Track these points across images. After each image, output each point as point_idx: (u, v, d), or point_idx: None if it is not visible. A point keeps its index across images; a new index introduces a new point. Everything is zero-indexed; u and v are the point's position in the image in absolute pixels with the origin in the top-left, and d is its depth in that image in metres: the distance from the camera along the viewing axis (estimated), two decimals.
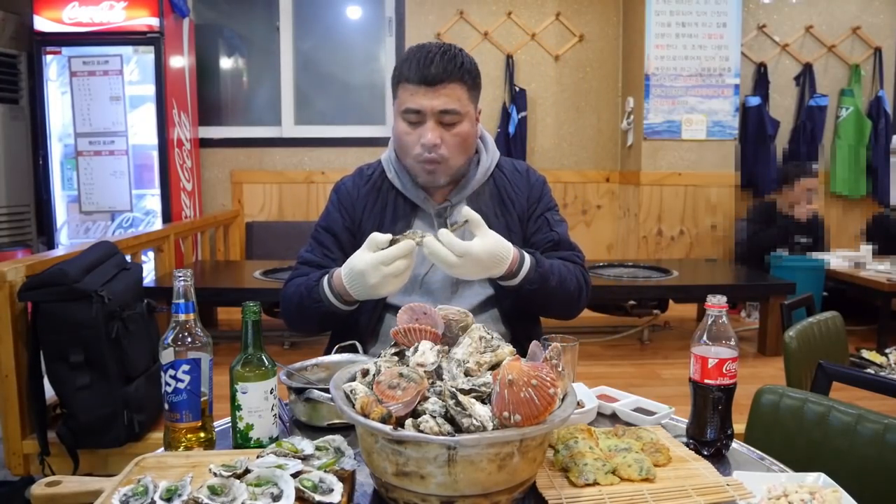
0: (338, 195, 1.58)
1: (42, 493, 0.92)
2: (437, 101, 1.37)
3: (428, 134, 1.38)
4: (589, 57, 4.69)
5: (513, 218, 1.53)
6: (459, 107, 1.39)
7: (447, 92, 1.37)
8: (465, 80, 1.40)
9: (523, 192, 1.56)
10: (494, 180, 1.56)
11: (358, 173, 1.60)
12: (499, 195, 1.54)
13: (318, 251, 1.54)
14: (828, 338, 1.96)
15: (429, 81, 1.36)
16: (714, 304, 1.06)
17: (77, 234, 4.08)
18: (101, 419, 2.03)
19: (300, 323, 1.51)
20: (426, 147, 1.38)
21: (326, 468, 0.89)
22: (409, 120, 1.40)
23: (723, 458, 1.08)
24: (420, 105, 1.37)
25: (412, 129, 1.41)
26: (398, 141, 1.45)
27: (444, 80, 1.37)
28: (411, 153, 1.42)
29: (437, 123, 1.38)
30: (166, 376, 1.05)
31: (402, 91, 1.40)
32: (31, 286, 2.01)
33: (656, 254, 4.34)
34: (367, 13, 4.78)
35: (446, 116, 1.38)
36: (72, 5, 3.83)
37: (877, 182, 4.62)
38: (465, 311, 1.03)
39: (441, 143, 1.39)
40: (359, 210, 1.53)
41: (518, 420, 0.81)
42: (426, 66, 1.36)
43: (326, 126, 4.72)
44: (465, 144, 1.44)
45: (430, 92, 1.37)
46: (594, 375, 2.14)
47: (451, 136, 1.40)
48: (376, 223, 1.50)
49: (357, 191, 1.56)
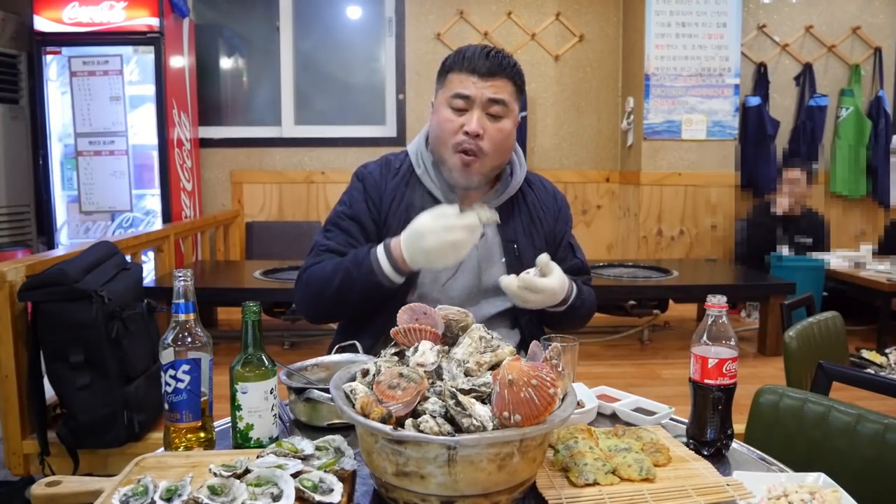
0: (364, 183, 1.51)
1: (42, 493, 0.92)
2: (488, 90, 1.38)
3: (473, 121, 1.37)
4: (589, 57, 4.69)
5: (540, 237, 1.53)
6: (508, 100, 1.40)
7: (498, 84, 1.39)
8: (515, 80, 1.42)
9: (551, 212, 1.57)
10: (524, 194, 1.55)
11: (385, 163, 1.54)
12: (528, 211, 1.54)
13: (341, 238, 1.46)
14: (828, 338, 1.96)
15: (482, 72, 1.38)
16: (714, 304, 1.06)
17: (77, 234, 4.08)
18: (101, 419, 2.03)
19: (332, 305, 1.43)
20: (470, 134, 1.37)
21: (326, 468, 0.89)
22: (455, 106, 1.39)
23: (723, 458, 1.08)
24: (470, 91, 1.37)
25: (456, 115, 1.39)
26: (438, 128, 1.42)
27: (496, 73, 1.38)
28: (451, 141, 1.40)
29: (483, 113, 1.38)
30: (166, 376, 1.05)
31: (452, 79, 1.40)
32: (31, 286, 2.01)
33: (656, 254, 4.34)
34: (367, 13, 4.77)
35: (494, 107, 1.38)
36: (72, 5, 3.83)
37: (877, 182, 4.62)
38: (464, 311, 1.03)
39: (483, 134, 1.38)
40: (386, 203, 1.48)
41: (518, 420, 0.81)
42: (481, 58, 1.38)
43: (326, 126, 4.72)
44: (505, 143, 1.42)
45: (482, 81, 1.38)
46: (594, 375, 2.14)
47: (494, 129, 1.39)
48: (402, 220, 1.43)
49: (385, 182, 1.50)
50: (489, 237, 1.49)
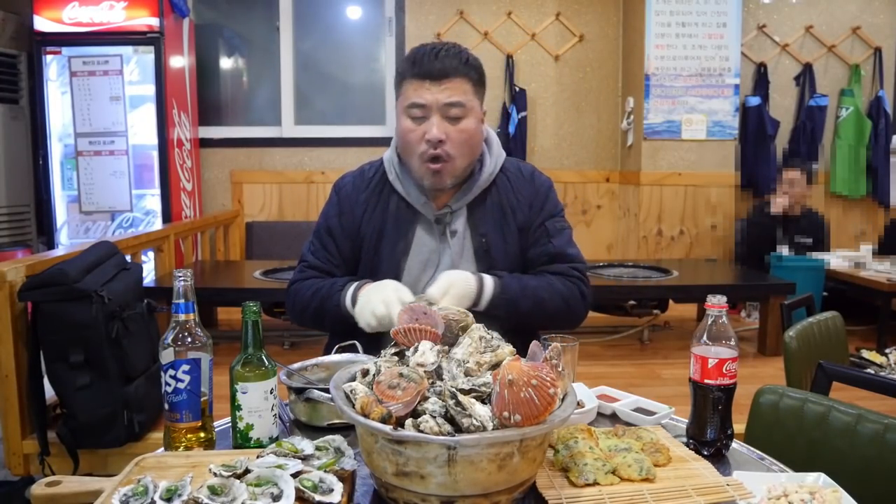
0: (338, 196, 1.54)
1: (42, 493, 0.92)
2: (442, 94, 1.35)
3: (433, 129, 1.35)
4: (589, 57, 4.69)
5: (511, 228, 1.49)
6: (465, 100, 1.37)
7: (452, 85, 1.35)
8: (470, 76, 1.38)
9: (526, 199, 1.51)
10: (497, 185, 1.50)
11: (360, 174, 1.56)
12: (500, 203, 1.50)
13: (321, 255, 1.53)
14: (828, 338, 1.96)
15: (434, 76, 1.35)
16: (714, 304, 1.06)
17: (77, 234, 4.08)
18: (101, 419, 2.03)
19: (312, 323, 1.52)
20: (431, 142, 1.35)
21: (326, 468, 0.89)
22: (413, 115, 1.38)
23: (723, 458, 1.08)
24: (425, 99, 1.35)
25: (416, 124, 1.38)
26: (402, 139, 1.42)
27: (449, 74, 1.35)
28: (416, 151, 1.39)
29: (442, 118, 1.36)
30: (166, 376, 1.05)
31: (407, 87, 1.38)
32: (31, 286, 2.01)
33: (656, 254, 4.34)
34: (367, 13, 4.78)
35: (452, 110, 1.36)
36: (72, 5, 3.83)
37: (877, 182, 4.62)
38: (464, 311, 1.03)
39: (446, 139, 1.36)
40: (358, 214, 1.50)
41: (518, 420, 0.81)
42: (431, 61, 1.35)
43: (326, 126, 4.72)
44: (470, 142, 1.40)
45: (435, 86, 1.35)
46: (594, 375, 2.14)
47: (456, 131, 1.37)
48: (376, 229, 1.48)
49: (357, 194, 1.52)
50: (460, 234, 1.48)
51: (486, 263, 1.47)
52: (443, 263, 1.48)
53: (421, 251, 1.48)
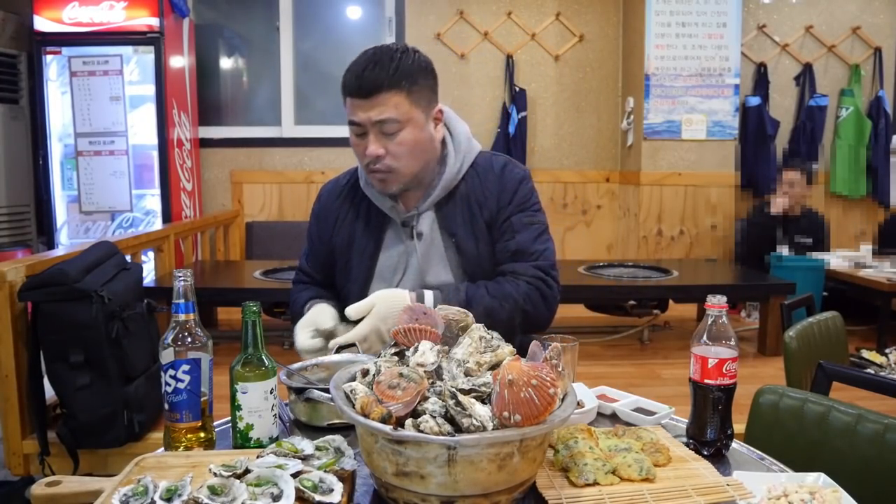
0: (318, 204, 1.59)
1: (42, 493, 0.92)
2: (373, 111, 1.32)
3: (370, 146, 1.35)
4: (589, 57, 4.69)
5: (479, 225, 1.45)
6: (398, 115, 1.33)
7: (381, 101, 1.32)
8: (401, 87, 1.32)
9: (493, 193, 1.46)
10: (466, 182, 1.47)
11: (336, 181, 1.60)
12: (467, 200, 1.46)
13: (311, 260, 1.60)
14: (828, 338, 1.96)
15: (363, 93, 1.32)
16: (714, 304, 1.06)
17: (77, 234, 4.08)
18: (101, 419, 2.03)
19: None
20: (370, 159, 1.37)
21: (326, 468, 0.89)
22: (355, 132, 1.38)
23: (723, 458, 1.08)
24: (358, 118, 1.34)
25: (359, 140, 1.38)
26: (354, 151, 1.43)
27: (376, 90, 1.31)
28: (363, 163, 1.41)
29: (378, 134, 1.35)
30: (166, 376, 1.05)
31: (347, 103, 1.37)
32: (31, 286, 2.01)
33: (656, 254, 4.34)
34: (367, 13, 4.78)
35: (385, 126, 1.34)
36: (72, 5, 3.83)
37: (877, 182, 4.62)
38: (464, 311, 1.03)
39: (385, 154, 1.35)
40: (330, 222, 1.54)
41: (518, 420, 0.81)
42: (358, 77, 1.32)
43: (326, 126, 4.72)
44: (413, 151, 1.37)
45: (366, 103, 1.32)
46: (594, 375, 2.14)
47: (394, 145, 1.35)
48: (348, 235, 1.51)
49: (331, 202, 1.56)
50: (427, 235, 1.46)
51: (458, 264, 1.46)
52: (411, 266, 1.48)
53: (391, 255, 1.49)
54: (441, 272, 1.47)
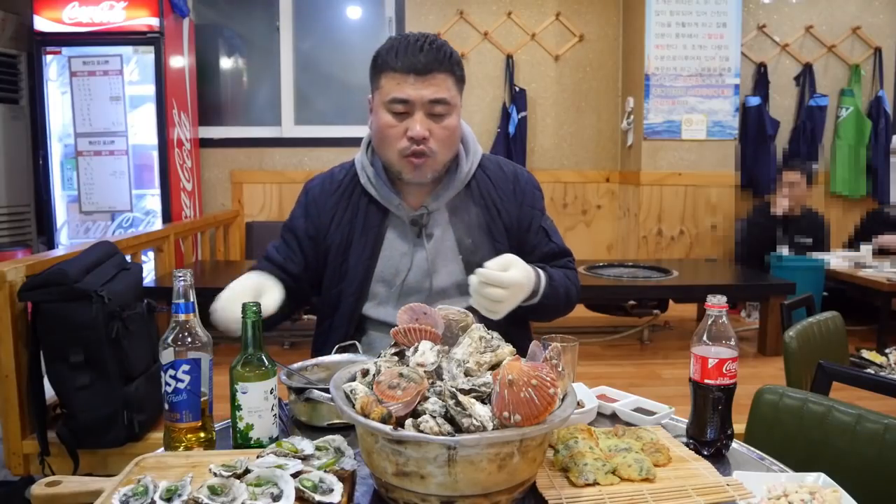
0: (306, 199, 1.50)
1: (42, 493, 0.92)
2: (427, 90, 1.29)
3: (416, 126, 1.30)
4: (589, 57, 4.69)
5: (498, 227, 1.45)
6: (449, 97, 1.32)
7: (437, 82, 1.30)
8: (454, 72, 1.34)
9: (511, 198, 1.47)
10: (478, 183, 1.46)
11: (329, 176, 1.51)
12: (482, 201, 1.45)
13: (282, 249, 1.49)
14: (828, 338, 1.96)
15: (418, 70, 1.29)
16: (714, 304, 1.06)
17: (77, 234, 4.08)
18: (101, 419, 2.03)
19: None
20: (415, 139, 1.31)
21: (326, 468, 0.89)
22: (394, 111, 1.32)
23: (723, 458, 1.08)
24: (408, 95, 1.29)
25: (398, 120, 1.32)
26: (380, 134, 1.37)
27: (434, 69, 1.30)
28: (395, 147, 1.34)
29: (425, 115, 1.31)
30: (166, 376, 1.05)
31: (387, 80, 1.32)
32: (31, 286, 2.01)
33: (656, 254, 4.34)
34: (367, 13, 4.77)
35: (437, 107, 1.31)
36: (72, 5, 3.83)
37: (877, 182, 4.62)
38: (464, 311, 1.03)
39: (430, 136, 1.32)
40: (325, 220, 1.46)
41: (518, 420, 0.81)
42: (415, 54, 1.29)
43: (326, 126, 4.72)
44: (452, 138, 1.37)
45: (420, 81, 1.29)
46: (594, 375, 2.14)
47: (440, 128, 1.33)
48: (345, 233, 1.44)
49: (326, 199, 1.47)
50: (438, 236, 1.44)
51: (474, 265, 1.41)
52: (416, 266, 1.43)
53: (391, 255, 1.44)
54: (453, 273, 1.44)
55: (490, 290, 1.22)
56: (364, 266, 1.43)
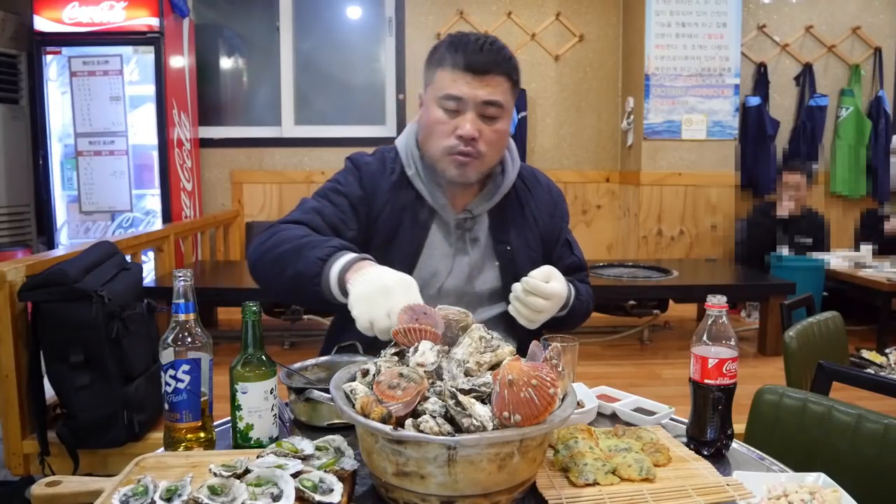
0: (360, 172, 1.40)
1: (42, 493, 0.92)
2: (483, 90, 1.28)
3: (467, 125, 1.28)
4: (589, 57, 4.69)
5: (534, 235, 1.46)
6: (503, 100, 1.31)
7: (493, 82, 1.29)
8: (511, 76, 1.32)
9: (546, 209, 1.49)
10: (517, 192, 1.46)
11: (381, 158, 1.43)
12: (521, 209, 1.45)
13: (333, 212, 1.35)
14: (828, 338, 1.96)
15: (476, 69, 1.27)
16: (714, 304, 1.06)
17: (77, 234, 4.08)
18: (101, 419, 2.03)
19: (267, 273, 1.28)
20: (464, 139, 1.29)
21: (326, 468, 0.89)
22: (446, 107, 1.30)
23: (723, 458, 1.08)
24: (463, 93, 1.28)
25: (449, 117, 1.30)
26: (429, 129, 1.33)
27: (491, 70, 1.28)
28: (443, 144, 1.31)
29: (477, 115, 1.29)
30: (166, 376, 1.05)
31: (442, 76, 1.30)
32: (31, 286, 2.01)
33: (656, 254, 4.34)
34: (367, 13, 4.78)
35: (489, 108, 1.29)
36: (72, 5, 3.83)
37: (877, 182, 4.62)
38: (464, 311, 1.02)
39: (479, 137, 1.30)
40: (379, 203, 1.38)
41: (518, 420, 0.81)
42: (474, 53, 1.27)
43: (326, 126, 4.72)
44: (501, 142, 1.35)
45: (476, 81, 1.27)
46: (594, 375, 2.14)
47: (490, 130, 1.31)
48: (393, 225, 1.39)
49: (381, 179, 1.40)
50: (482, 241, 1.43)
51: (511, 272, 1.41)
52: (456, 270, 1.41)
53: (433, 254, 1.41)
54: (490, 279, 1.43)
55: (533, 299, 1.25)
56: (408, 262, 1.38)
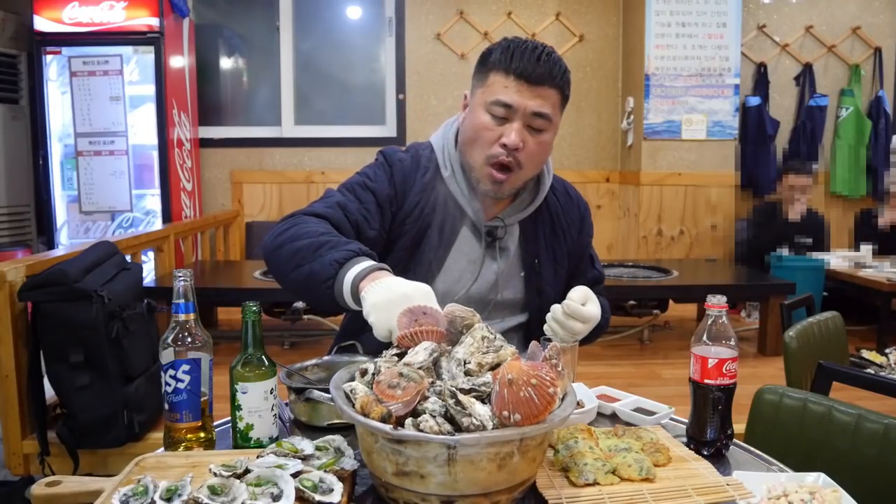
0: (392, 168, 1.37)
1: (42, 493, 0.92)
2: (534, 101, 1.25)
3: (513, 134, 1.25)
4: (589, 57, 4.69)
5: (562, 250, 1.44)
6: (552, 113, 1.28)
7: (545, 94, 1.26)
8: (563, 90, 1.30)
9: (575, 223, 1.47)
10: (548, 205, 1.44)
11: (415, 156, 1.40)
12: (551, 223, 1.43)
13: (358, 208, 1.30)
14: (828, 338, 1.96)
15: (530, 78, 1.24)
16: (714, 304, 1.06)
17: (77, 234, 4.08)
18: (101, 419, 2.03)
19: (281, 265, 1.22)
20: (508, 147, 1.26)
21: (326, 468, 0.89)
22: (494, 113, 1.27)
23: (723, 458, 1.08)
24: (514, 100, 1.24)
25: (495, 124, 1.27)
26: (473, 134, 1.30)
27: (545, 81, 1.25)
28: (486, 151, 1.29)
29: (524, 126, 1.26)
30: (166, 376, 1.05)
31: (495, 81, 1.27)
32: (31, 286, 2.01)
33: (656, 254, 4.34)
34: (367, 13, 4.78)
35: (537, 120, 1.26)
36: (72, 5, 3.83)
37: (877, 182, 4.62)
38: (471, 310, 1.02)
39: (522, 148, 1.27)
40: (410, 201, 1.35)
41: (518, 419, 0.81)
42: (531, 62, 1.24)
43: (326, 126, 4.72)
44: (543, 156, 1.33)
45: (528, 90, 1.24)
46: (594, 375, 2.14)
47: (534, 142, 1.28)
48: (422, 227, 1.36)
49: (414, 178, 1.37)
50: (511, 251, 1.41)
51: (535, 284, 1.41)
52: (483, 277, 1.39)
53: (459, 259, 1.38)
54: (515, 289, 1.42)
55: (572, 322, 1.22)
56: (435, 265, 1.37)
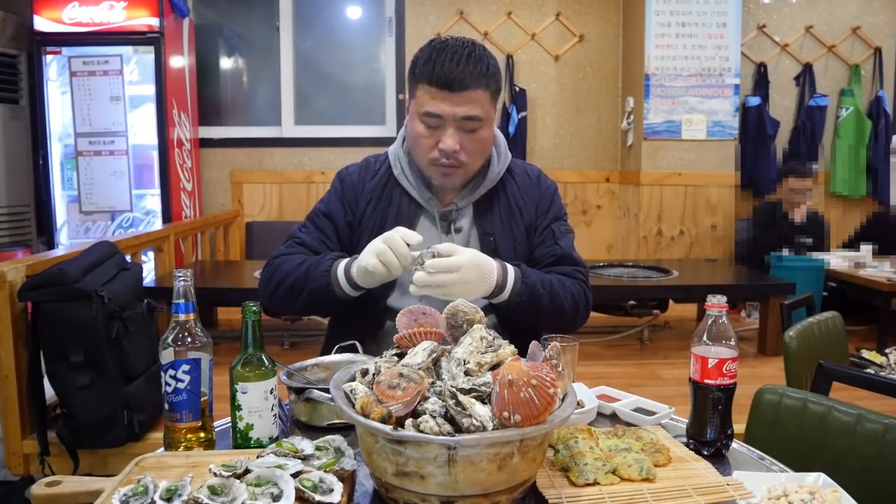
0: (342, 185, 1.52)
1: (42, 493, 0.92)
2: (460, 108, 1.30)
3: (448, 140, 1.32)
4: (589, 57, 4.69)
5: (519, 228, 1.49)
6: (482, 113, 1.33)
7: (470, 98, 1.30)
8: (489, 87, 1.34)
9: (532, 200, 1.51)
10: (504, 185, 1.50)
11: (365, 165, 1.55)
12: (507, 203, 1.49)
13: (314, 235, 1.49)
14: (828, 338, 1.96)
15: (452, 87, 1.29)
16: (714, 304, 1.06)
17: (77, 234, 4.08)
18: (101, 419, 2.03)
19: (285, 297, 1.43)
20: (445, 153, 1.34)
21: (326, 468, 0.89)
22: (427, 123, 1.34)
23: (723, 458, 1.08)
24: (441, 110, 1.31)
25: (430, 132, 1.35)
26: (413, 142, 1.40)
27: (469, 85, 1.29)
28: (427, 156, 1.38)
29: (457, 129, 1.33)
30: (166, 376, 1.05)
31: (421, 92, 1.33)
32: (31, 286, 2.01)
33: (656, 254, 4.34)
34: (367, 13, 4.78)
35: (468, 123, 1.33)
36: (72, 5, 3.83)
37: (877, 182, 4.62)
38: (475, 306, 1.02)
39: (460, 150, 1.34)
40: (362, 205, 1.49)
41: (518, 420, 0.81)
42: (450, 70, 1.28)
43: (326, 126, 4.72)
44: (484, 149, 1.40)
45: (453, 97, 1.30)
46: (594, 375, 2.14)
47: (471, 141, 1.35)
48: (378, 221, 1.47)
49: (363, 184, 1.50)
50: (465, 231, 1.47)
51: None
52: None
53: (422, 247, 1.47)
54: None
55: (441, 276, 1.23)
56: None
